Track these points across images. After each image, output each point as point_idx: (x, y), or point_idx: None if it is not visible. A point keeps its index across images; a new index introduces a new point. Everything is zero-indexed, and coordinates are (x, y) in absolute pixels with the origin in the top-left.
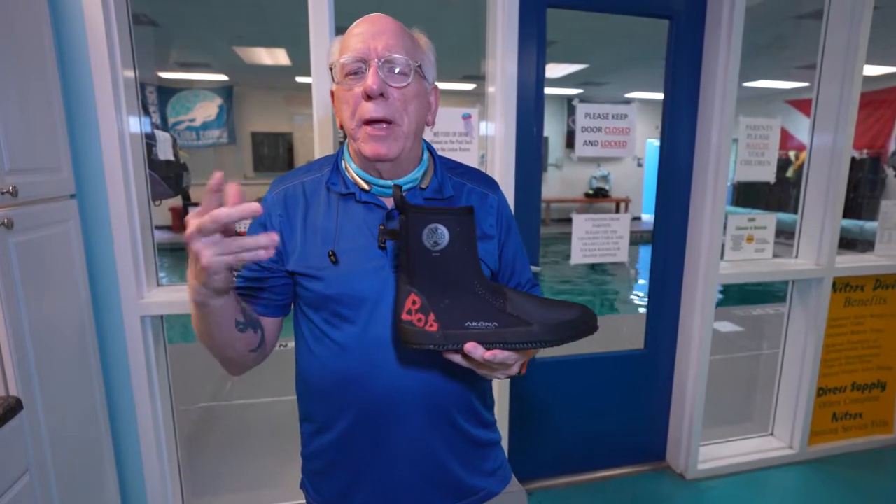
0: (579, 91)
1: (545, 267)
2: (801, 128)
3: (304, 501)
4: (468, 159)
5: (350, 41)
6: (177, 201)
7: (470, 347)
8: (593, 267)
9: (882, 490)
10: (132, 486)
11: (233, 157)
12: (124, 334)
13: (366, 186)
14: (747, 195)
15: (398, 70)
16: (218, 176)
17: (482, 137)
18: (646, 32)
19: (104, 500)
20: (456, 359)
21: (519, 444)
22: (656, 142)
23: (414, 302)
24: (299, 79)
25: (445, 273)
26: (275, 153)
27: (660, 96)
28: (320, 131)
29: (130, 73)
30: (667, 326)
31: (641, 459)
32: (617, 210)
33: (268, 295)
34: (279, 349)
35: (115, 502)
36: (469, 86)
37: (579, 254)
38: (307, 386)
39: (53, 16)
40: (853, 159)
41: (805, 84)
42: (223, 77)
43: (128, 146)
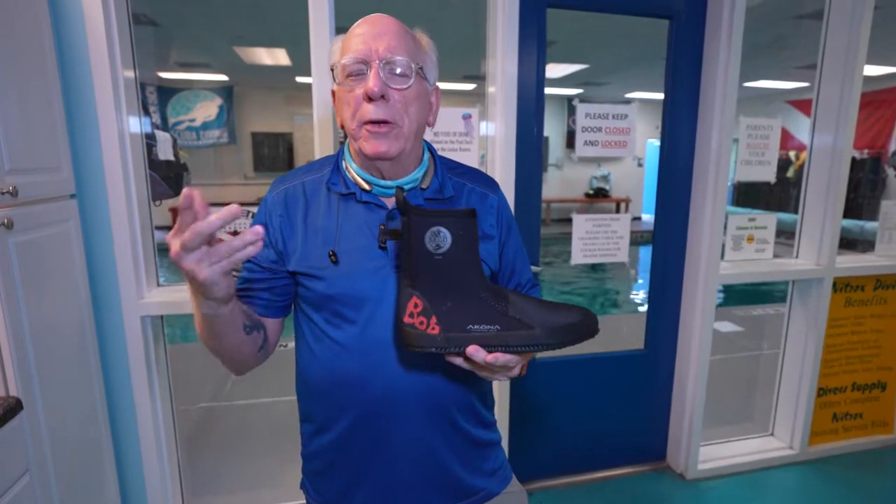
0: (579, 91)
1: (545, 267)
2: (802, 128)
3: (305, 501)
4: (468, 159)
5: (351, 42)
6: (177, 201)
7: (472, 350)
8: (594, 267)
9: (882, 490)
10: (132, 486)
11: (233, 158)
12: (124, 334)
13: (366, 187)
14: (748, 195)
15: (399, 71)
16: (188, 193)
17: (482, 137)
18: (646, 32)
19: (104, 500)
20: (458, 361)
21: (519, 445)
22: (657, 142)
23: (416, 305)
24: (299, 79)
25: (447, 276)
26: (275, 153)
27: (660, 96)
28: (320, 131)
29: (130, 73)
30: (667, 326)
31: (641, 459)
32: (617, 210)
33: (268, 296)
34: (279, 349)
35: (115, 502)
36: (469, 86)
37: (579, 254)
38: (307, 386)
39: (53, 16)
40: (853, 159)
41: (805, 84)
42: (223, 77)
43: (128, 146)
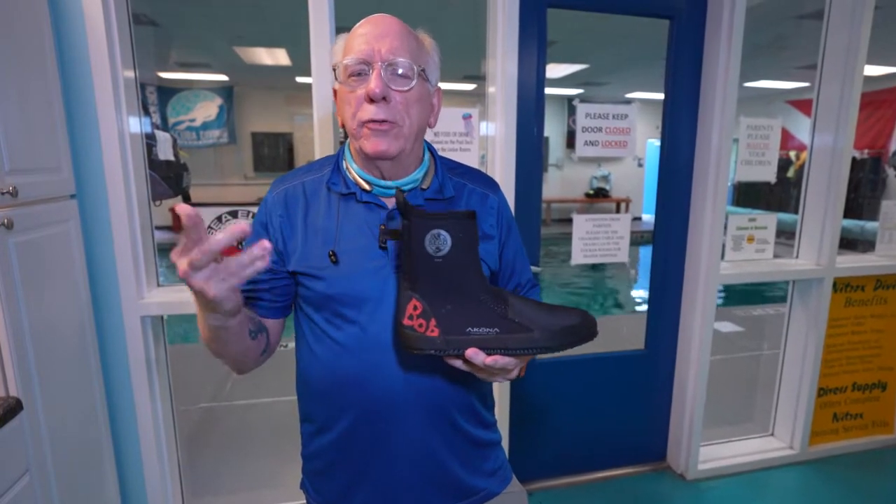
0: (580, 91)
1: (546, 267)
2: (802, 128)
3: (305, 502)
4: (468, 159)
5: (354, 42)
6: (177, 201)
7: (471, 353)
8: (594, 267)
9: (883, 490)
10: (132, 487)
11: (233, 158)
12: (124, 334)
13: (367, 187)
14: (748, 195)
15: (401, 73)
16: (189, 213)
17: (482, 137)
18: (646, 32)
19: (104, 501)
20: (457, 364)
21: (519, 445)
22: (657, 142)
23: (415, 307)
24: (299, 79)
25: (447, 278)
26: (275, 153)
27: (660, 96)
28: (320, 131)
29: (130, 73)
30: (667, 326)
31: (642, 460)
32: (617, 210)
33: (270, 297)
34: (279, 349)
35: (115, 502)
36: (469, 86)
37: (580, 254)
38: (308, 386)
39: (53, 16)
40: (854, 159)
41: (806, 84)
42: (223, 77)
43: (128, 146)
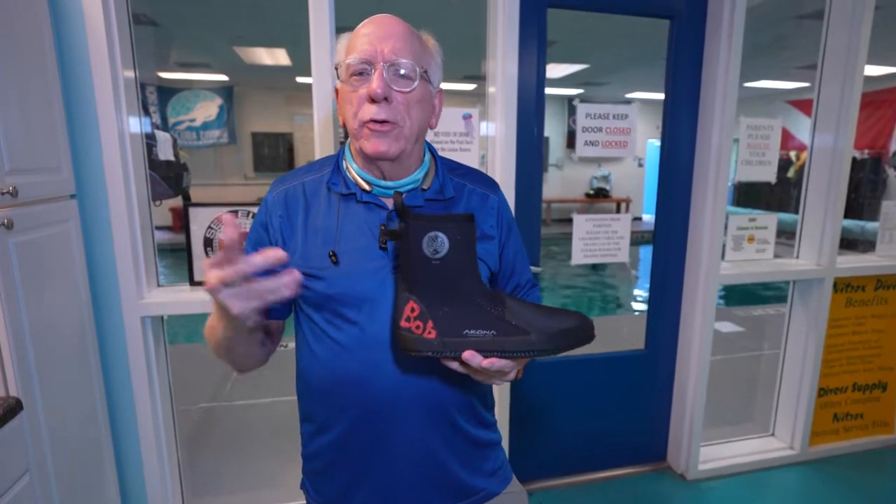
0: (580, 91)
1: (546, 267)
2: (802, 128)
3: (305, 502)
4: (469, 159)
5: (357, 42)
6: (177, 201)
7: (468, 355)
8: (594, 267)
9: (883, 490)
10: (132, 487)
11: (233, 158)
12: (124, 334)
13: (367, 187)
14: (748, 195)
15: (403, 73)
16: (232, 231)
17: (483, 138)
18: (646, 32)
19: (104, 501)
20: (454, 366)
21: (519, 445)
22: (657, 142)
23: (413, 309)
24: (299, 79)
25: (445, 281)
26: (275, 153)
27: (660, 96)
28: (321, 131)
29: (130, 73)
30: (667, 327)
31: (642, 460)
32: (618, 210)
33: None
34: (279, 349)
35: (115, 502)
36: (469, 86)
37: (580, 254)
38: (307, 386)
39: (53, 16)
40: (854, 159)
41: (806, 84)
42: (223, 77)
43: (128, 146)
